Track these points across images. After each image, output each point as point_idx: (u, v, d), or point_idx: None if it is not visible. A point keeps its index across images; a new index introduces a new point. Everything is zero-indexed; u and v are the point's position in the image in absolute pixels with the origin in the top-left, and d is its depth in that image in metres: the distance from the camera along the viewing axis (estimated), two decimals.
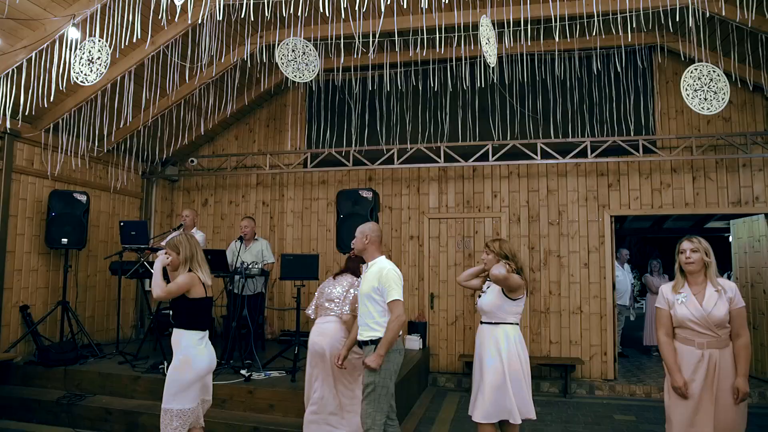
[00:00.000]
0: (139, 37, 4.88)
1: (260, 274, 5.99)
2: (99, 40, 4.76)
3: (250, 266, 5.82)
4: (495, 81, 7.16)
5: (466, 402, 6.35)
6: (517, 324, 3.86)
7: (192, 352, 3.60)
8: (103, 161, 7.63)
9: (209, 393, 3.81)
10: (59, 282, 6.78)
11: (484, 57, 6.54)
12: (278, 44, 5.43)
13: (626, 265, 8.54)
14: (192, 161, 8.47)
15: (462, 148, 7.32)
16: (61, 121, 6.49)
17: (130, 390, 5.47)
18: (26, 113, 5.72)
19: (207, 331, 3.77)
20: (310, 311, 4.61)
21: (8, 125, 5.91)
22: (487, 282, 4.00)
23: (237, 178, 8.63)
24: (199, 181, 8.84)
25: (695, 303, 3.31)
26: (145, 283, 7.34)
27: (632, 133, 7.02)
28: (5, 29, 4.95)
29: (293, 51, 5.45)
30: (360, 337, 3.80)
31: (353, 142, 7.79)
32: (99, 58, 4.78)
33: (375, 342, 3.67)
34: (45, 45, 5.22)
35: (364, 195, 5.92)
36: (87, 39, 4.80)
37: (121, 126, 7.03)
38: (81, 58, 4.78)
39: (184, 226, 6.69)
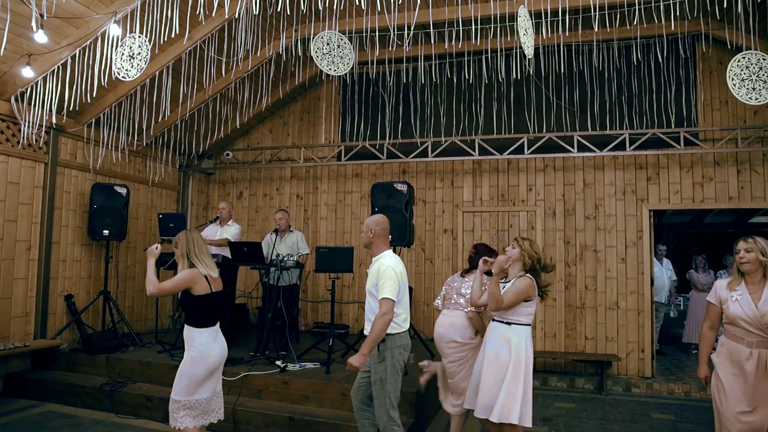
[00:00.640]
0: (177, 32, 4.95)
1: (295, 266, 6.04)
2: (139, 36, 4.86)
3: (285, 258, 5.88)
4: (531, 73, 7.05)
5: None
6: (529, 325, 3.81)
7: (204, 350, 3.64)
8: (141, 155, 7.81)
9: (220, 383, 3.88)
10: (101, 272, 6.98)
11: (520, 48, 6.45)
12: (313, 37, 5.45)
13: (665, 261, 8.32)
14: (227, 154, 8.60)
15: (497, 140, 7.24)
16: (102, 116, 6.67)
17: (169, 378, 5.53)
18: (70, 109, 5.90)
19: (218, 325, 3.81)
20: (437, 303, 4.69)
21: (54, 120, 6.09)
22: (502, 283, 3.94)
23: (271, 171, 8.72)
24: (234, 174, 8.97)
25: (750, 302, 3.28)
26: None
27: (673, 125, 6.83)
28: (51, 28, 5.09)
29: (328, 44, 5.45)
30: (365, 332, 3.82)
31: (387, 135, 7.78)
32: (139, 53, 4.88)
33: None
34: (88, 42, 5.35)
35: (399, 188, 5.90)
36: (128, 35, 4.91)
37: (159, 120, 7.17)
38: (122, 54, 4.89)
39: (221, 219, 6.80)
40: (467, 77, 7.14)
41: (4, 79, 5.60)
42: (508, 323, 3.78)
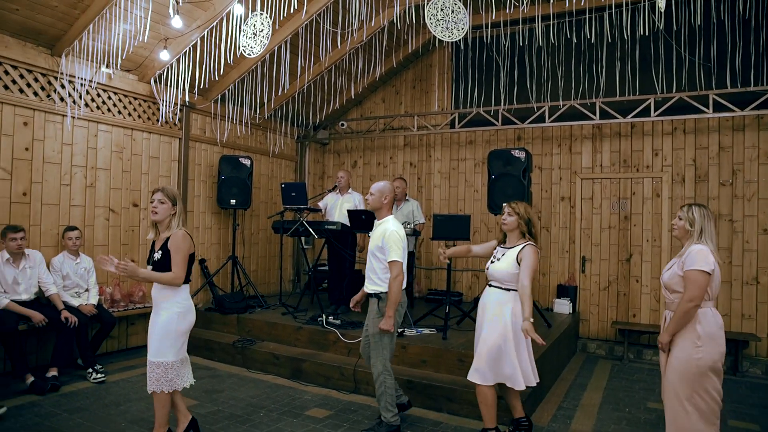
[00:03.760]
0: (295, 7, 5.09)
1: (412, 234, 6.12)
2: (262, 14, 5.06)
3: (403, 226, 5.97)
4: (660, 27, 6.48)
5: (619, 370, 6.14)
6: None
7: (187, 305, 3.56)
8: (262, 127, 8.21)
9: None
10: (229, 239, 7.52)
11: (649, 1, 5.94)
12: (427, 3, 5.37)
13: None
14: (342, 124, 8.81)
15: (619, 103, 6.80)
16: (227, 92, 7.06)
17: (294, 339, 5.97)
18: (200, 87, 6.31)
19: None
20: None
21: (187, 98, 6.56)
22: (501, 248, 3.94)
23: (385, 139, 8.83)
24: (348, 143, 9.19)
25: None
26: (302, 240, 7.89)
27: None
28: (183, 12, 5.43)
29: (442, 10, 5.35)
30: (366, 290, 4.20)
31: (502, 100, 7.55)
32: (262, 30, 5.09)
33: (377, 295, 4.08)
34: (215, 23, 5.65)
35: (517, 155, 5.75)
36: (251, 14, 5.13)
37: (278, 94, 7.48)
38: (246, 33, 5.13)
39: (339, 187, 7.03)
40: (588, 36, 6.71)
41: (146, 63, 6.10)
42: (507, 289, 3.80)
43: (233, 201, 7.11)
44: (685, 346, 3.14)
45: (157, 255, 3.50)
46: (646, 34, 6.34)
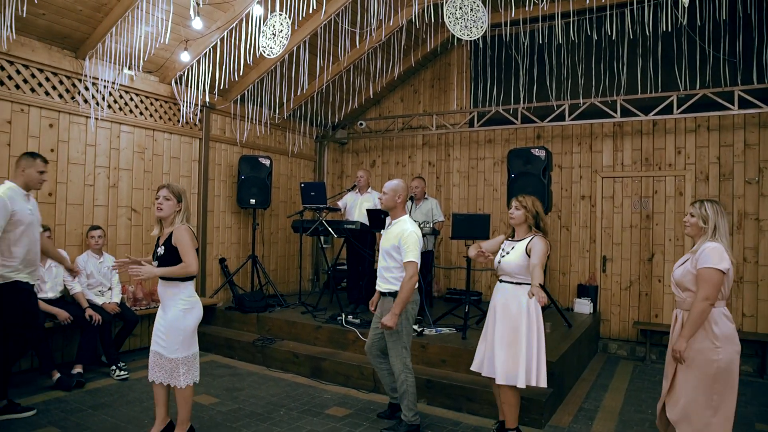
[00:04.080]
0: (314, 8, 5.11)
1: (431, 233, 6.11)
2: (281, 14, 5.09)
3: (422, 225, 5.96)
4: (683, 23, 6.37)
5: (641, 372, 6.07)
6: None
7: (192, 301, 3.58)
8: (281, 127, 8.26)
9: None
10: (248, 238, 7.58)
11: None
12: (446, 2, 5.36)
13: None
14: (361, 124, 8.82)
15: (641, 100, 6.70)
16: (246, 92, 7.11)
17: (313, 338, 5.99)
18: (220, 87, 6.37)
19: None
20: None
21: (207, 99, 6.62)
22: (510, 242, 3.88)
23: (403, 139, 8.83)
24: (366, 143, 9.20)
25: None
26: (321, 240, 7.91)
27: None
28: (203, 14, 5.49)
29: (461, 8, 5.33)
30: (378, 288, 4.20)
31: (521, 99, 7.49)
32: (281, 31, 5.12)
33: (392, 294, 4.03)
34: (234, 24, 5.70)
35: (537, 154, 5.71)
36: (270, 14, 5.16)
37: (297, 94, 7.51)
38: (266, 33, 5.16)
39: (358, 187, 7.04)
40: (609, 33, 6.63)
41: (167, 65, 6.18)
42: (519, 283, 3.74)
43: (253, 200, 7.16)
44: (703, 350, 3.07)
45: (161, 250, 3.53)
46: (669, 30, 6.24)
